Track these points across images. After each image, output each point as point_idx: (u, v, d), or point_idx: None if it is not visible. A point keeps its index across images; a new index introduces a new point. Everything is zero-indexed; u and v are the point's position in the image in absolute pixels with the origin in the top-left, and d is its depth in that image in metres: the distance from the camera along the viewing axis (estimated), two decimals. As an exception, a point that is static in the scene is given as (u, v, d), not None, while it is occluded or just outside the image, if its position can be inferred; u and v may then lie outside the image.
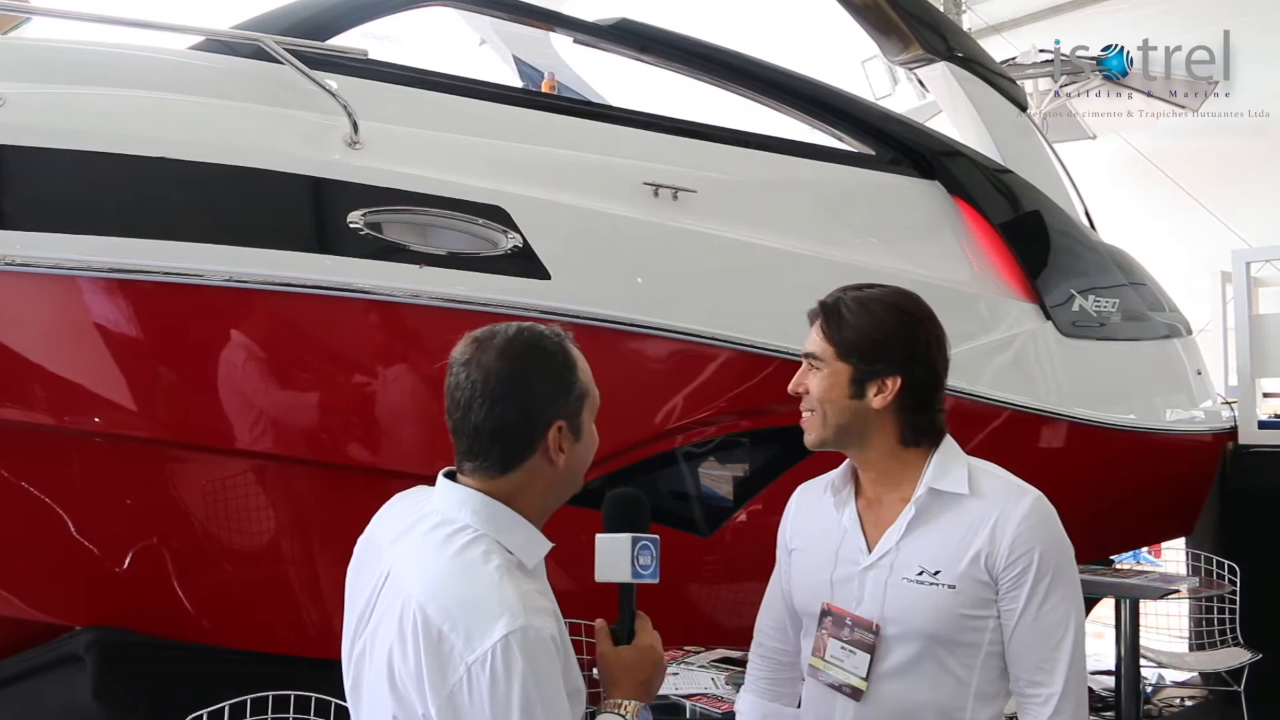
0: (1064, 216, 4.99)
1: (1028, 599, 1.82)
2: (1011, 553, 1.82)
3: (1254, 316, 6.17)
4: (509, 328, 1.64)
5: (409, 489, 1.77)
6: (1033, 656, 1.83)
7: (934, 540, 1.87)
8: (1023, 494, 1.88)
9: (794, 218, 4.06)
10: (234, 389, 2.98)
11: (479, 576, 1.49)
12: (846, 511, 1.99)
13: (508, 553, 1.55)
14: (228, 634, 3.09)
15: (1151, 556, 7.70)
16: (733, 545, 3.77)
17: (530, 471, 1.61)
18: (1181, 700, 5.92)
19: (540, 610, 1.49)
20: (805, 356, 1.97)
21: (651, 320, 3.47)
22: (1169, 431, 5.25)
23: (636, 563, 1.72)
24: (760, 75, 4.45)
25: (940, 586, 1.84)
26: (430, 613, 1.46)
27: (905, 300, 1.99)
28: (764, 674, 2.17)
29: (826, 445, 1.97)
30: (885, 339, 1.92)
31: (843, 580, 1.94)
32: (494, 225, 3.25)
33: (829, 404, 1.92)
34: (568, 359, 1.63)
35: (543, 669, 1.44)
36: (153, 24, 3.26)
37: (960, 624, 1.83)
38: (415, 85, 3.56)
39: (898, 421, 1.93)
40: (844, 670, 1.90)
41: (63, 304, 2.83)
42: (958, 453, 1.95)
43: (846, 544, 1.96)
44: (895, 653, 1.86)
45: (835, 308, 1.95)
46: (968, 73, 5.04)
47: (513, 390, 1.58)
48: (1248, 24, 9.16)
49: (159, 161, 2.88)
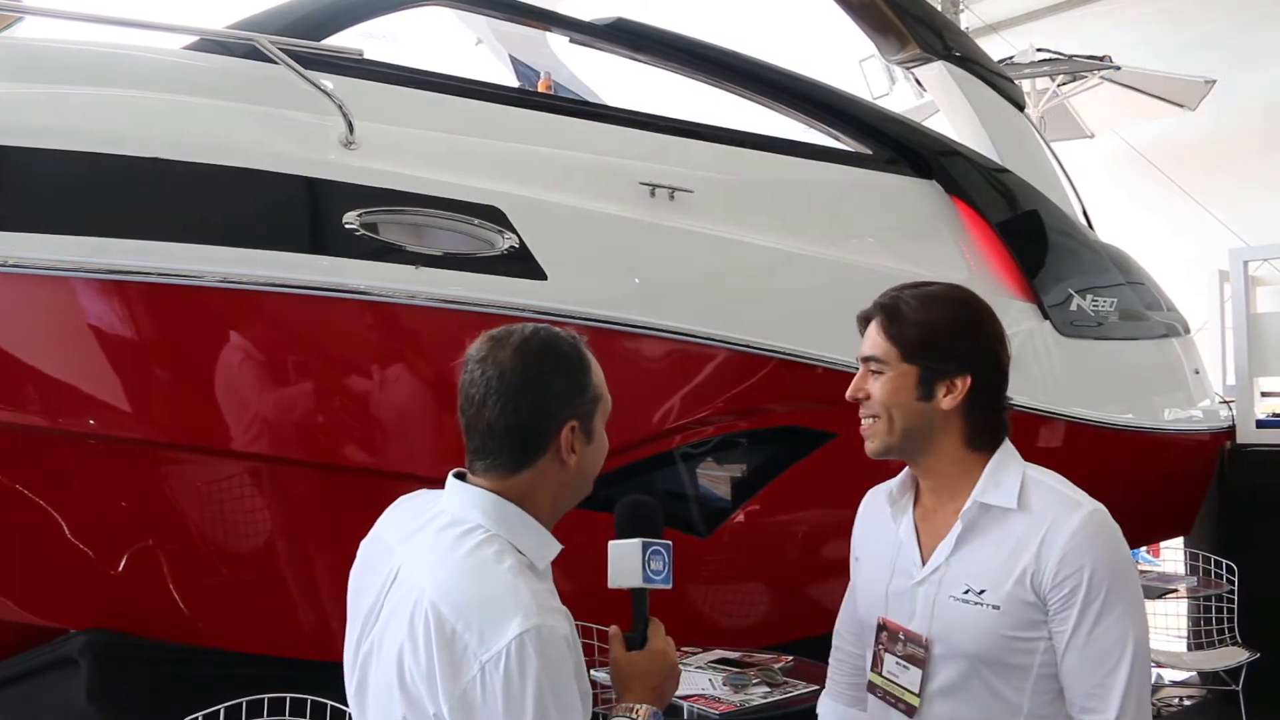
0: (1062, 215, 4.99)
1: (1078, 620, 1.70)
2: (1059, 572, 1.71)
3: (1252, 315, 6.16)
4: (525, 327, 1.64)
5: (414, 491, 1.76)
6: (1086, 681, 1.72)
7: (981, 557, 1.78)
8: (1075, 508, 1.77)
9: (791, 217, 4.06)
10: (228, 390, 2.97)
11: (493, 576, 1.49)
12: (903, 522, 1.91)
13: (519, 553, 1.55)
14: (223, 636, 3.08)
15: (1150, 556, 7.69)
16: (730, 545, 3.76)
17: (541, 471, 1.60)
18: (1180, 699, 5.92)
19: (554, 610, 1.49)
20: (865, 360, 1.87)
21: (648, 320, 3.46)
22: (1167, 431, 5.25)
23: (648, 568, 1.73)
24: (757, 75, 4.44)
25: (985, 607, 1.75)
26: (443, 611, 1.46)
27: (966, 295, 1.90)
28: (843, 678, 2.10)
29: (891, 453, 1.86)
30: (952, 336, 1.84)
31: (897, 594, 1.87)
32: (490, 225, 3.24)
33: (896, 407, 1.82)
34: (583, 360, 1.64)
35: (557, 668, 1.44)
36: (147, 24, 3.25)
37: (1006, 645, 1.74)
38: (411, 85, 3.55)
39: (965, 424, 1.84)
40: (899, 686, 1.83)
41: (56, 305, 2.82)
42: (1014, 461, 1.86)
43: (903, 556, 1.88)
44: (943, 672, 1.79)
45: (895, 306, 1.86)
46: (965, 72, 5.04)
47: (528, 387, 1.58)
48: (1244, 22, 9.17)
49: (153, 162, 2.87)
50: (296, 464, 3.07)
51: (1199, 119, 9.11)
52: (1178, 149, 9.40)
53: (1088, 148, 9.61)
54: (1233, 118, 9.17)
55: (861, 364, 1.88)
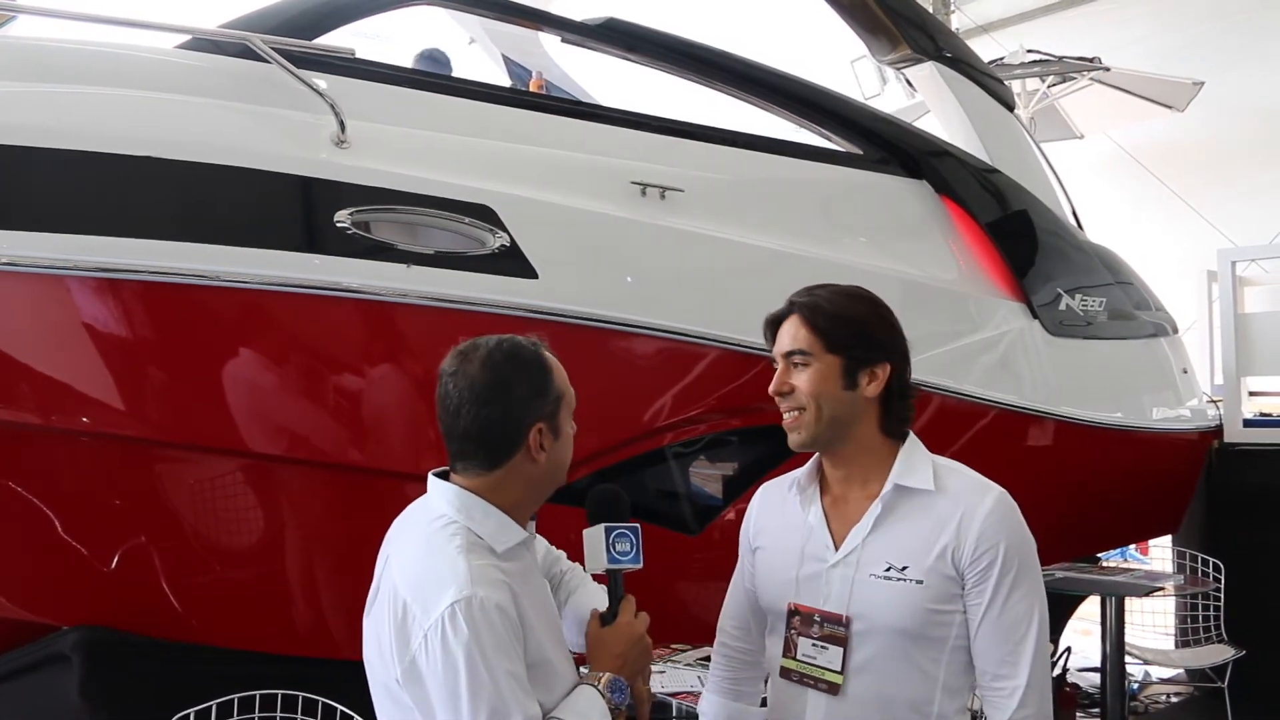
0: (1051, 216, 5.01)
1: (993, 594, 1.83)
2: (977, 548, 1.84)
3: (1239, 315, 6.20)
4: (490, 340, 1.80)
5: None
6: (998, 650, 1.84)
7: (901, 536, 1.89)
8: (987, 490, 1.90)
9: (782, 217, 4.07)
10: (221, 388, 2.97)
11: (440, 554, 1.67)
12: (812, 509, 1.99)
13: (477, 537, 1.71)
14: (215, 633, 3.09)
15: (1139, 554, 7.74)
16: (721, 543, 3.77)
17: (513, 469, 1.77)
18: (1167, 696, 5.96)
19: (493, 583, 1.64)
20: (787, 355, 1.97)
21: (639, 319, 3.48)
22: (1155, 430, 5.27)
23: (613, 549, 1.87)
24: (748, 75, 4.45)
25: (908, 582, 1.85)
26: (399, 588, 1.67)
27: (868, 292, 2.02)
28: (727, 673, 2.18)
29: (816, 444, 1.97)
30: (871, 328, 1.95)
31: (809, 578, 1.95)
32: (482, 224, 3.25)
33: (824, 397, 1.92)
34: (543, 366, 1.80)
35: (485, 635, 1.59)
36: (140, 23, 3.24)
37: (928, 618, 1.85)
38: (403, 84, 3.56)
39: (882, 411, 1.95)
40: (817, 667, 1.91)
41: (49, 304, 2.82)
42: (923, 450, 1.97)
43: (813, 541, 1.96)
44: (863, 649, 1.87)
45: (814, 303, 1.97)
46: (956, 73, 5.05)
47: (495, 398, 1.74)
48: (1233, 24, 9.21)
49: (145, 161, 2.88)
50: (288, 462, 3.08)
51: (1188, 120, 9.14)
52: (1166, 150, 9.44)
53: (1077, 149, 9.63)
54: (1221, 119, 9.20)
55: (782, 360, 1.99)
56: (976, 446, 4.19)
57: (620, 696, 1.78)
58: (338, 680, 3.07)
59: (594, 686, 1.76)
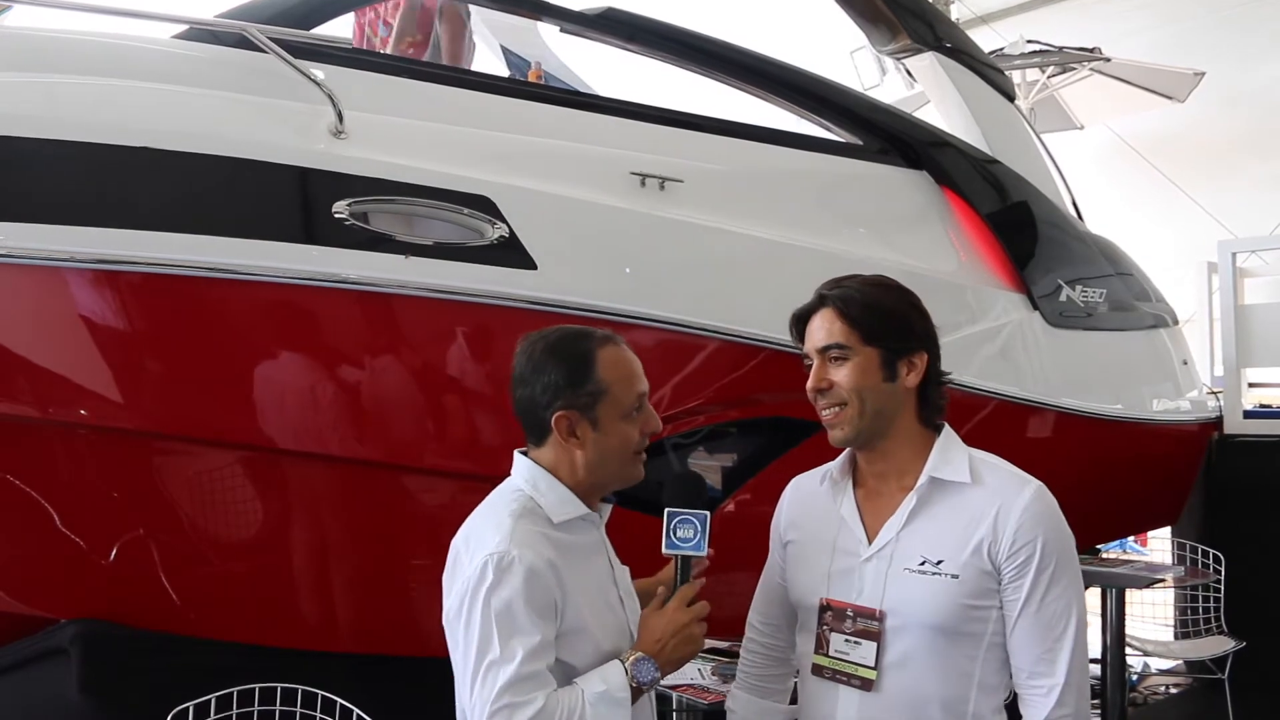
0: (1051, 207, 5.00)
1: (1030, 589, 1.79)
2: (1015, 542, 1.79)
3: (1239, 307, 6.20)
4: (552, 331, 1.95)
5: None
6: (1036, 648, 1.80)
7: (936, 530, 1.84)
8: (1025, 484, 1.86)
9: (781, 207, 4.06)
10: (218, 380, 2.96)
11: (494, 514, 1.86)
12: (845, 502, 1.95)
13: (537, 506, 1.87)
14: (214, 626, 3.08)
15: (1138, 545, 7.73)
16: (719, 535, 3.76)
17: (558, 448, 1.91)
18: (1166, 688, 5.97)
19: (530, 546, 1.78)
20: (823, 350, 1.91)
21: (639, 310, 3.46)
22: (1155, 421, 5.26)
23: (674, 535, 1.92)
24: (748, 65, 4.43)
25: (943, 576, 1.81)
26: (458, 539, 1.90)
27: (895, 281, 2.00)
28: (756, 670, 2.14)
29: (859, 439, 1.91)
30: (906, 317, 1.93)
31: (841, 572, 1.91)
32: (480, 215, 3.24)
33: (866, 391, 1.88)
34: (584, 359, 1.89)
35: (507, 590, 1.73)
36: (136, 12, 3.23)
37: (963, 614, 1.81)
38: (401, 74, 3.54)
39: (919, 401, 1.93)
40: (850, 663, 1.87)
41: (46, 295, 2.80)
42: (959, 442, 1.93)
43: (845, 535, 1.92)
44: (897, 644, 1.83)
45: (846, 295, 1.92)
46: (956, 63, 5.03)
47: (524, 380, 1.91)
48: (1233, 15, 9.19)
49: (142, 151, 2.86)
50: (286, 454, 3.07)
51: (1188, 111, 9.11)
52: (1167, 141, 9.42)
53: (1077, 139, 9.61)
54: (1222, 110, 9.18)
55: (817, 356, 1.92)
56: (976, 438, 4.15)
57: (645, 677, 1.82)
58: (337, 673, 3.07)
59: (621, 663, 1.82)
